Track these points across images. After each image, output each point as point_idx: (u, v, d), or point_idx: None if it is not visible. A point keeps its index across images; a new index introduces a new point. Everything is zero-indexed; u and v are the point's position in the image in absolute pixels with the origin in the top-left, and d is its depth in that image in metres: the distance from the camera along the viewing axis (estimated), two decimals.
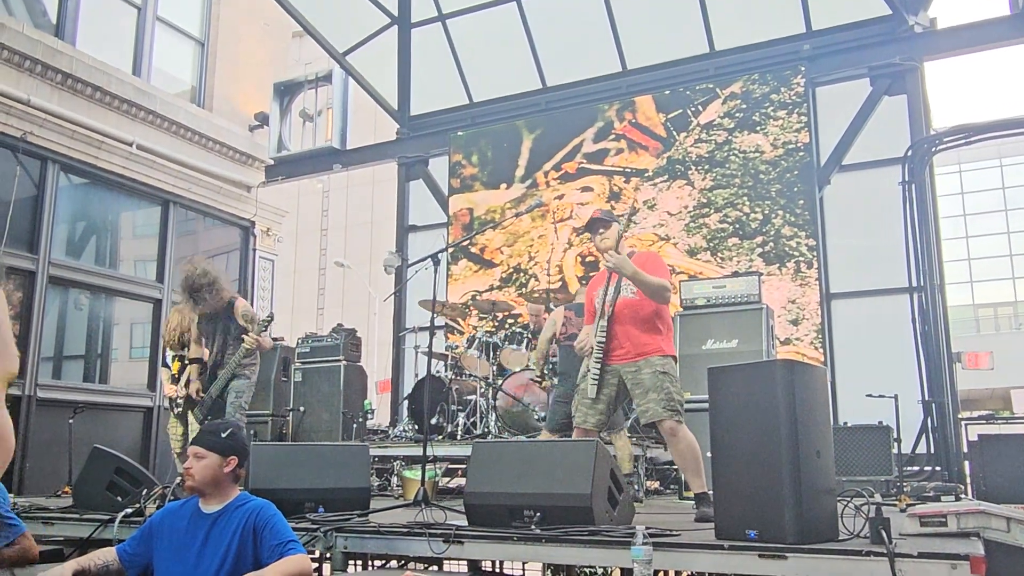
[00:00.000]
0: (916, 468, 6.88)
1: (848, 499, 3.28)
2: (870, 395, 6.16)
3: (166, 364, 6.26)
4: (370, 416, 8.16)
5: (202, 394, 5.75)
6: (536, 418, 6.57)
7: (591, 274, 8.02)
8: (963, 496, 5.46)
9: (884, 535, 2.68)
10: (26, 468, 7.50)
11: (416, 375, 7.87)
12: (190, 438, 5.14)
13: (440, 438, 6.79)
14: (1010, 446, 5.51)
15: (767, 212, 8.19)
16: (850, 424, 6.28)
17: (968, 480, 6.24)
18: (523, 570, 5.57)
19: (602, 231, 4.27)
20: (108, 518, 3.99)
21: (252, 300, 10.36)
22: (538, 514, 3.33)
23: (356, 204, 28.30)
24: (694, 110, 8.75)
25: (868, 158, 7.96)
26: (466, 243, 9.49)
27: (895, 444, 6.09)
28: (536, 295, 8.51)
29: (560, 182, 9.35)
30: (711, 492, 3.49)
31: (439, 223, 10.06)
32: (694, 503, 4.03)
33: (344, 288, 27.20)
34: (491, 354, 7.12)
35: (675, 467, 5.97)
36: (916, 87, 7.80)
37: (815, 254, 7.90)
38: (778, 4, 8.48)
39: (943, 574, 2.54)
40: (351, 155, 10.99)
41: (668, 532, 3.19)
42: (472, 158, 9.95)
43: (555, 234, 9.26)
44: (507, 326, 8.39)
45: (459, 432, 6.85)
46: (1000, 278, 27.80)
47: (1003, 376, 19.98)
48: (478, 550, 3.39)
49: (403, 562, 4.14)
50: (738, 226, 8.31)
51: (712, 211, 8.46)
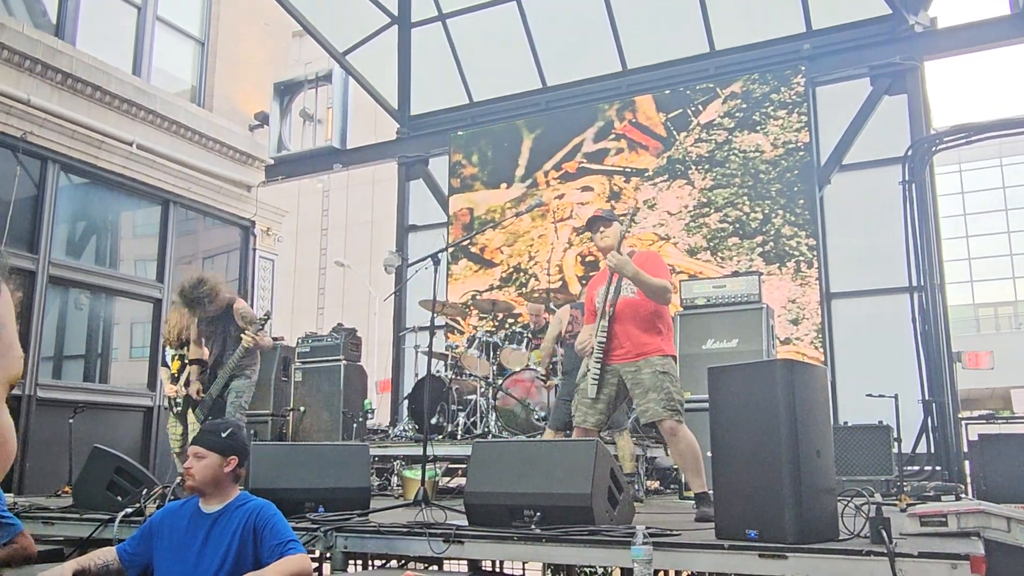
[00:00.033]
0: (916, 468, 6.88)
1: (848, 499, 3.27)
2: (870, 395, 6.15)
3: (165, 363, 6.27)
4: (370, 416, 8.15)
5: (203, 394, 5.76)
6: (536, 418, 6.57)
7: (591, 274, 8.02)
8: (963, 496, 5.46)
9: (884, 535, 2.68)
10: (26, 468, 7.50)
11: (416, 375, 7.87)
12: (190, 438, 5.15)
13: (440, 438, 6.79)
14: (1010, 446, 5.50)
15: (767, 212, 8.18)
16: (850, 424, 6.28)
17: (968, 480, 6.23)
18: (523, 570, 5.58)
19: (602, 229, 4.27)
20: (108, 518, 3.99)
21: (252, 300, 10.36)
22: (538, 514, 3.32)
23: (356, 204, 28.27)
24: (694, 110, 8.75)
25: (868, 158, 7.96)
26: (466, 243, 9.48)
27: (895, 444, 6.09)
28: (536, 295, 8.52)
29: (560, 182, 9.35)
30: (711, 492, 3.49)
31: (439, 223, 10.06)
32: (694, 503, 4.03)
33: (344, 288, 27.17)
34: (491, 354, 7.12)
35: (675, 467, 5.98)
36: (916, 87, 7.80)
37: (815, 254, 7.89)
38: (778, 4, 8.47)
39: (943, 574, 2.54)
40: (351, 155, 10.99)
41: (668, 532, 3.19)
42: (472, 158, 9.94)
43: (555, 234, 9.25)
44: (507, 326, 8.39)
45: (459, 432, 6.85)
46: (1000, 278, 27.80)
47: (1003, 376, 19.96)
48: (478, 550, 3.39)
49: (403, 562, 4.14)
50: (738, 226, 8.31)
51: (712, 211, 8.46)
